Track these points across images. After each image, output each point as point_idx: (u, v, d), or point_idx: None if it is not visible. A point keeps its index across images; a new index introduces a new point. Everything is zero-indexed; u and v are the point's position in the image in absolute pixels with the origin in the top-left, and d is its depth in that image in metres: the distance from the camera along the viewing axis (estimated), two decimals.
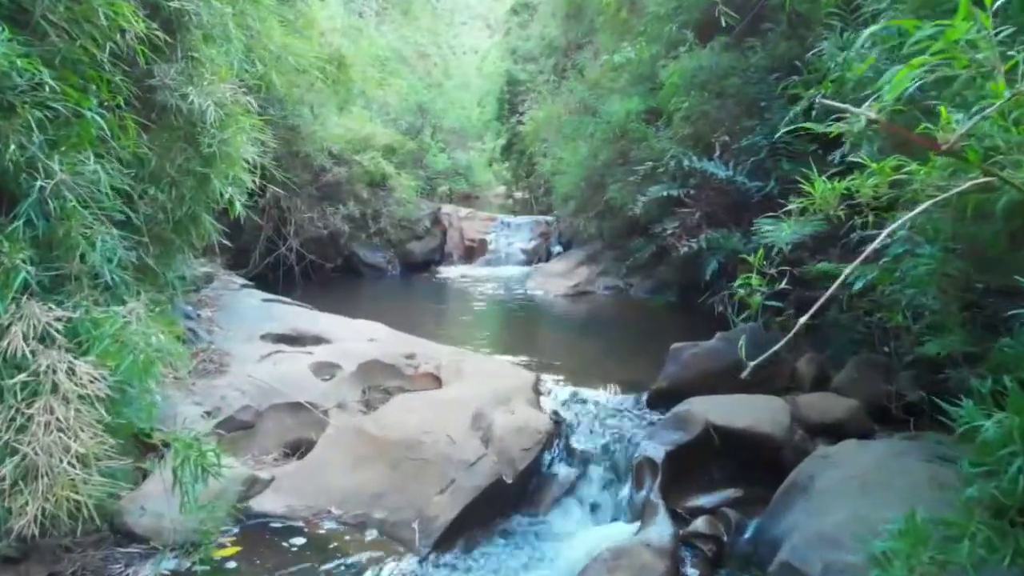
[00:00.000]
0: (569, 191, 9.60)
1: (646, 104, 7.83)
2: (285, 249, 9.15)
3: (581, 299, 8.52)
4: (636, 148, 7.51)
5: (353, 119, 10.25)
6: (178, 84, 4.11)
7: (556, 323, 7.38)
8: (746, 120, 6.15)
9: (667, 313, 7.17)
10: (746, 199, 6.08)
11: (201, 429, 4.06)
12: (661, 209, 7.42)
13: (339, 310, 7.85)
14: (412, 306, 8.21)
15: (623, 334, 6.70)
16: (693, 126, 6.76)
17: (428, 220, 10.95)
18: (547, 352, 5.96)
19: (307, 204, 9.50)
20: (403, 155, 10.24)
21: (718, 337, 4.57)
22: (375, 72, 12.09)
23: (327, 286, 9.40)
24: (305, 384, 4.57)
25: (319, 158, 9.05)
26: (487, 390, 4.28)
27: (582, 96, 9.54)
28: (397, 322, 7.08)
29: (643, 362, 5.55)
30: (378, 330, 5.61)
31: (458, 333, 6.77)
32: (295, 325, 5.54)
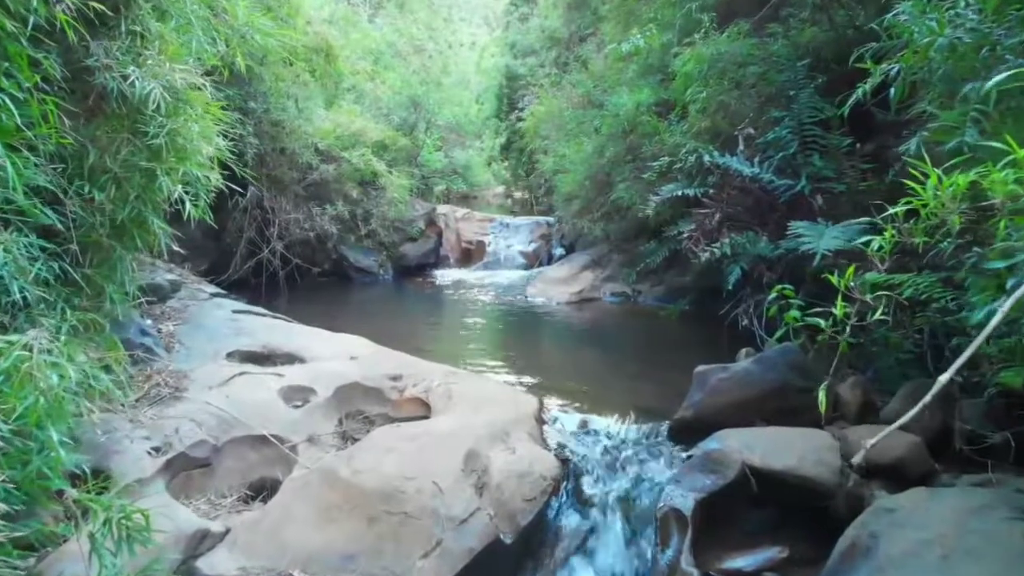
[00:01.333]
0: (572, 190, 8.99)
1: (657, 96, 7.22)
2: (268, 252, 8.53)
3: (585, 307, 7.90)
4: (647, 143, 6.90)
5: (343, 114, 9.63)
6: (120, 65, 3.50)
7: (559, 335, 6.76)
8: (771, 111, 5.53)
9: (682, 324, 6.55)
10: (772, 199, 5.46)
11: (146, 470, 3.48)
12: (674, 210, 6.81)
13: (323, 319, 7.24)
14: (403, 315, 7.59)
15: (634, 348, 6.09)
16: (711, 119, 6.14)
17: (422, 221, 10.33)
18: (550, 370, 5.34)
19: (293, 204, 8.89)
20: (396, 152, 9.63)
21: (751, 359, 3.95)
22: (367, 65, 11.49)
23: (313, 292, 8.79)
24: (272, 413, 3.95)
25: (305, 155, 8.43)
26: (482, 421, 3.66)
27: (586, 89, 8.92)
28: (385, 333, 6.47)
29: (660, 383, 4.94)
30: (361, 346, 4.99)
31: (451, 347, 6.15)
32: (267, 341, 4.91)
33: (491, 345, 6.07)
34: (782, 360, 3.86)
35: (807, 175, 5.16)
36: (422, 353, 5.66)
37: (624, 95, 7.36)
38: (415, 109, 10.29)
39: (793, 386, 3.85)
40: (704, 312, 6.68)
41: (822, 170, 5.16)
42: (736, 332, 5.38)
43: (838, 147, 5.26)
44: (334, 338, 5.17)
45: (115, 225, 3.61)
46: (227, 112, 7.66)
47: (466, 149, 21.68)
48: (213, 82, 6.14)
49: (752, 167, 5.20)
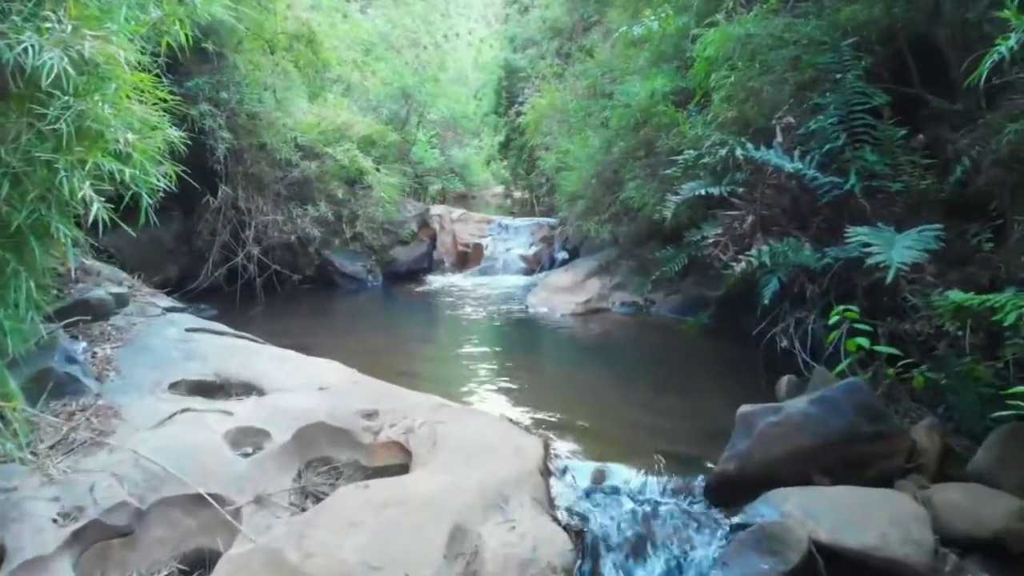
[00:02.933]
0: (577, 189, 8.24)
1: (673, 84, 6.46)
2: (243, 257, 7.77)
3: (593, 319, 7.14)
4: (663, 137, 6.15)
5: (328, 107, 8.87)
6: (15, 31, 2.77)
7: (565, 354, 5.99)
8: (813, 97, 4.77)
9: (704, 341, 5.80)
10: (812, 199, 4.71)
11: (48, 543, 2.73)
12: (694, 211, 6.06)
13: (300, 333, 6.49)
14: (389, 328, 6.83)
15: (653, 371, 5.33)
16: (738, 108, 5.39)
17: (415, 223, 9.56)
18: (556, 399, 4.58)
19: (272, 205, 8.12)
20: (385, 148, 8.86)
21: (808, 399, 3.18)
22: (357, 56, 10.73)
23: (294, 300, 8.03)
24: (215, 463, 3.19)
25: (284, 150, 7.67)
26: (473, 481, 2.90)
27: (593, 79, 8.16)
28: (367, 351, 5.71)
29: (688, 416, 4.18)
30: (332, 373, 4.24)
31: (441, 369, 5.39)
32: (221, 367, 4.15)
33: (487, 367, 5.31)
34: (848, 401, 3.10)
35: (856, 171, 4.40)
36: (406, 378, 4.91)
37: (636, 83, 6.60)
38: (406, 102, 9.53)
39: (861, 433, 3.10)
40: (728, 327, 5.92)
41: (874, 165, 4.40)
42: (772, 353, 4.62)
43: (891, 139, 4.50)
44: (302, 363, 4.41)
45: (9, 233, 2.86)
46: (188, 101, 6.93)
47: (464, 148, 20.95)
48: (168, 65, 5.37)
49: (794, 162, 4.43)
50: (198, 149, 7.52)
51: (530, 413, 4.20)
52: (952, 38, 4.77)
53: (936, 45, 4.83)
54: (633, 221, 7.72)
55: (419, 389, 4.67)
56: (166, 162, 5.04)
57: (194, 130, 7.12)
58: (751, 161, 4.76)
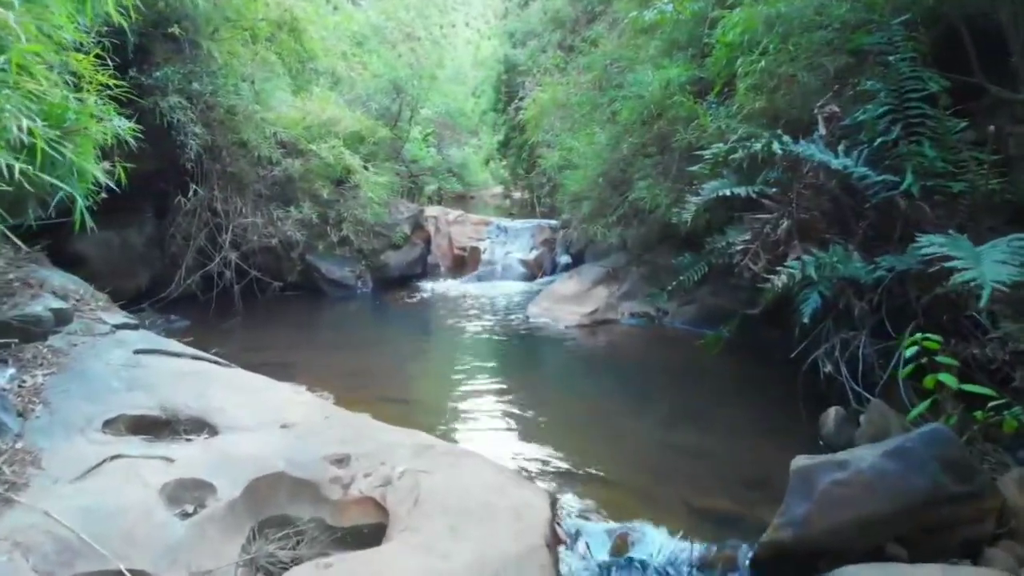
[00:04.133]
0: (581, 189, 7.62)
1: (690, 73, 5.84)
2: (220, 262, 7.14)
3: (600, 331, 6.52)
4: (680, 131, 5.52)
5: (314, 101, 8.24)
6: None
7: (570, 373, 5.36)
8: (861, 83, 4.15)
9: (727, 359, 5.17)
10: (858, 200, 4.09)
11: None
12: (714, 214, 5.45)
13: (276, 348, 5.85)
14: (375, 343, 6.20)
15: (672, 397, 4.70)
16: (768, 97, 4.77)
17: (407, 225, 8.93)
18: (562, 433, 3.96)
19: (252, 206, 7.49)
20: (375, 145, 8.23)
21: (882, 452, 2.56)
22: (347, 47, 10.11)
23: (275, 310, 7.40)
24: (144, 529, 2.57)
25: (263, 147, 7.03)
26: (462, 562, 2.28)
27: (599, 69, 7.54)
28: (347, 372, 5.08)
29: (720, 458, 3.56)
30: (299, 405, 3.62)
31: (430, 395, 4.76)
32: (169, 398, 3.52)
33: (483, 390, 4.68)
34: (930, 454, 2.48)
35: (913, 169, 3.78)
36: (391, 405, 4.29)
37: (649, 73, 5.98)
38: (397, 96, 8.90)
39: (946, 493, 2.48)
40: (752, 343, 5.30)
41: (933, 162, 3.78)
42: (812, 375, 4.00)
43: (951, 132, 3.89)
44: (267, 391, 3.79)
45: None
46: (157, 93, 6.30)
47: (462, 147, 20.33)
48: (137, 53, 4.79)
49: (840, 158, 3.81)
50: (169, 146, 6.92)
51: (533, 453, 3.58)
52: (1015, 18, 4.16)
53: (994, 26, 4.23)
54: (643, 224, 7.11)
55: (405, 418, 4.06)
56: (119, 159, 4.43)
57: (163, 124, 6.52)
58: (787, 157, 4.14)
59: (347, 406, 4.13)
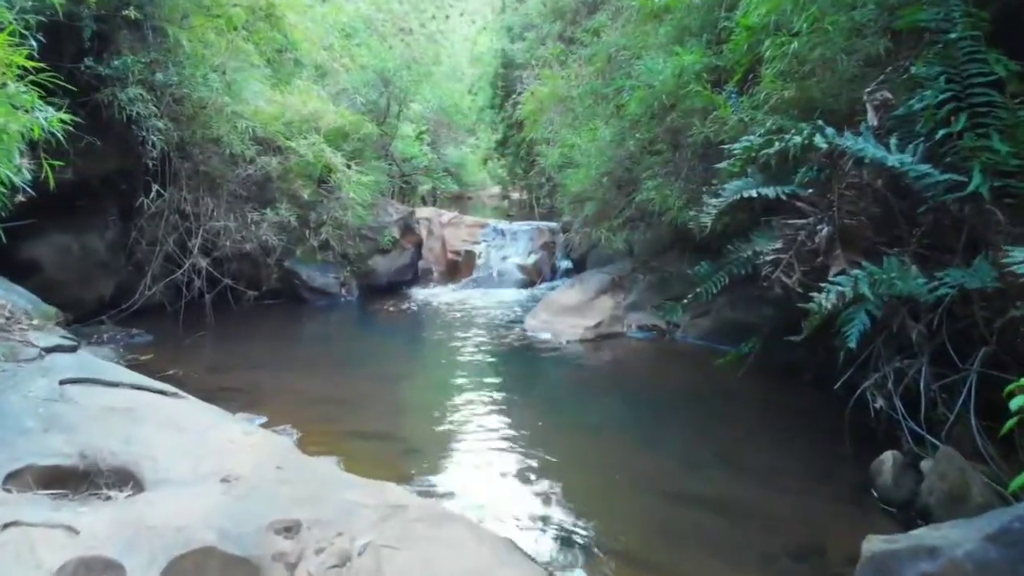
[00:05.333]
0: (584, 189, 7.03)
1: (706, 61, 5.23)
2: (189, 269, 6.53)
3: (605, 347, 5.91)
4: (697, 125, 4.92)
5: (295, 94, 7.62)
6: None
7: (574, 400, 4.73)
8: (915, 67, 3.55)
9: (750, 382, 4.57)
10: (913, 203, 3.49)
11: None
12: (734, 217, 4.85)
13: (245, 368, 5.18)
14: (357, 360, 5.58)
15: (692, 428, 4.09)
16: (799, 85, 4.17)
17: (396, 228, 8.32)
18: (563, 480, 3.34)
19: (225, 208, 6.88)
20: (360, 142, 7.61)
21: (983, 533, 1.95)
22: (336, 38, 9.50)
23: (250, 321, 6.79)
24: None
25: (235, 143, 6.42)
26: None
27: (602, 61, 6.94)
28: (321, 398, 4.44)
29: (761, 520, 2.95)
30: (248, 451, 3.00)
31: (413, 425, 4.13)
32: (93, 442, 2.92)
33: (472, 425, 4.06)
34: None
35: (981, 166, 3.18)
36: (363, 441, 3.69)
37: (660, 60, 5.37)
38: (385, 88, 8.29)
39: None
40: (778, 362, 4.71)
41: (1005, 159, 3.18)
42: (859, 409, 3.40)
43: (1023, 124, 3.29)
44: (212, 430, 3.18)
45: None
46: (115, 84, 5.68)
47: (459, 146, 19.73)
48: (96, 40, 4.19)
49: (896, 154, 3.21)
50: (134, 142, 6.31)
51: (528, 508, 2.98)
52: None
53: None
54: (651, 227, 6.52)
55: (379, 460, 3.46)
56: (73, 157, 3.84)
57: (125, 119, 5.91)
58: (827, 153, 3.53)
59: (313, 444, 3.54)
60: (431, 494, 3.10)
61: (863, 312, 3.23)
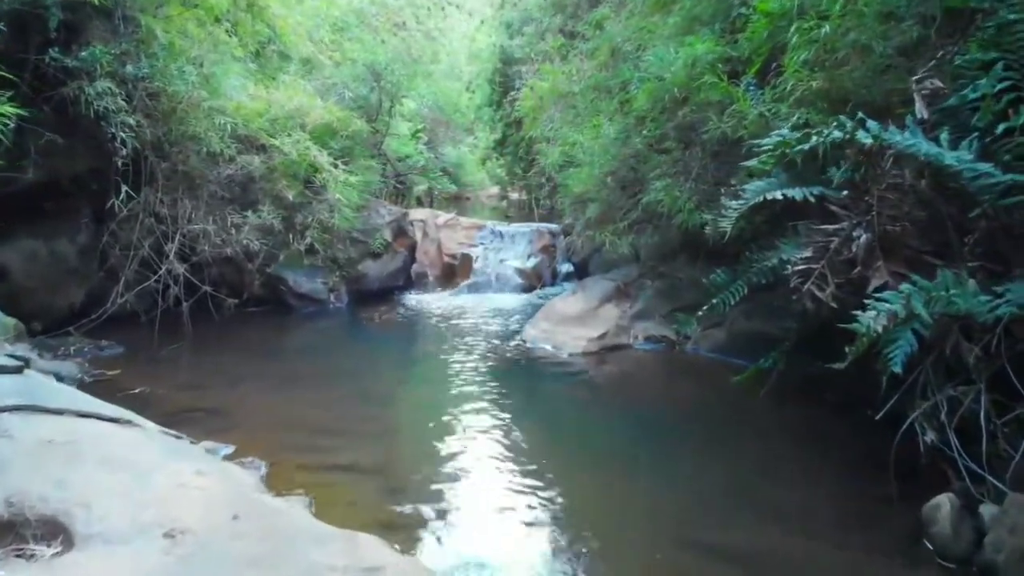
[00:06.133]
0: (586, 190, 6.62)
1: (720, 51, 4.82)
2: (164, 276, 6.12)
3: (610, 359, 5.50)
4: (713, 120, 4.51)
5: (281, 89, 7.20)
6: None
7: (577, 422, 4.30)
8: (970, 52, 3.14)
9: (775, 404, 4.14)
10: (964, 207, 3.08)
11: None
12: (751, 220, 4.43)
13: (219, 385, 4.69)
14: (342, 376, 5.15)
15: (707, 457, 3.67)
16: (829, 75, 3.75)
17: (388, 231, 7.91)
18: (566, 523, 2.92)
19: (204, 211, 6.46)
20: (349, 139, 7.19)
21: None
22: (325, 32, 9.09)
23: (232, 331, 6.37)
24: None
25: (213, 141, 6.01)
26: None
27: (609, 49, 6.53)
28: (299, 422, 3.96)
29: (787, 566, 2.54)
30: (200, 495, 2.58)
31: (396, 456, 3.69)
32: (22, 485, 2.50)
33: (465, 454, 3.63)
34: None
35: None
36: (341, 477, 3.28)
37: (670, 50, 4.96)
38: (377, 84, 7.85)
39: None
40: (797, 379, 4.30)
41: None
42: (908, 441, 2.99)
43: None
44: (162, 468, 2.75)
45: None
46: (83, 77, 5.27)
47: (457, 145, 19.31)
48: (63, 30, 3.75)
49: (951, 151, 2.80)
50: (103, 140, 5.90)
51: (527, 563, 2.56)
52: None
53: None
54: (659, 231, 6.11)
55: (358, 499, 3.05)
56: None
57: (91, 115, 5.50)
58: (866, 150, 3.12)
59: (282, 481, 3.13)
60: (415, 544, 2.68)
61: (909, 332, 2.82)
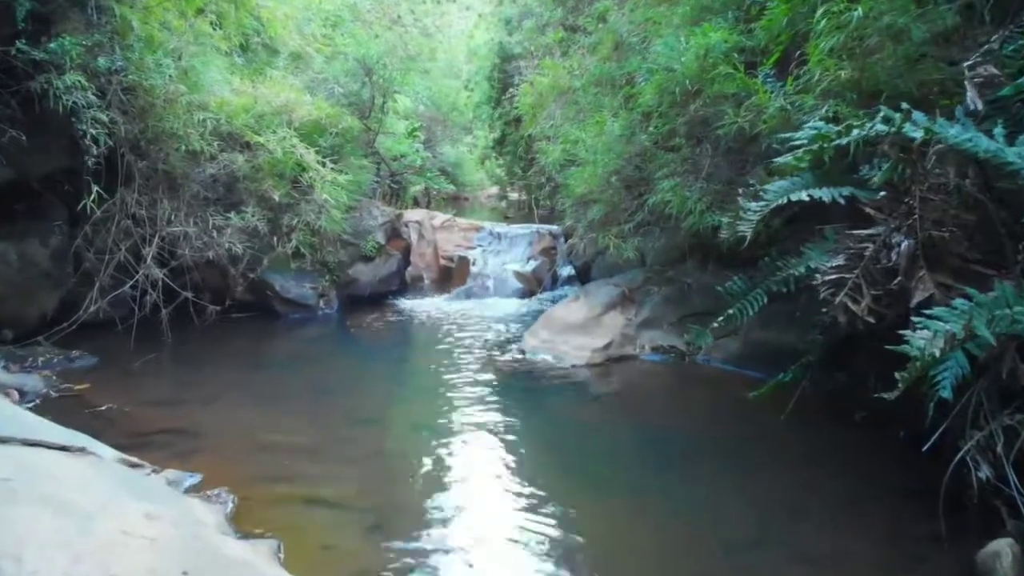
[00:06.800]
0: (590, 190, 6.25)
1: (735, 40, 4.46)
2: (142, 280, 5.76)
3: (615, 372, 5.14)
4: (730, 114, 4.14)
5: (266, 84, 6.84)
6: None
7: (581, 446, 3.91)
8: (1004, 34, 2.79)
9: (793, 421, 3.78)
10: (1016, 212, 2.72)
11: None
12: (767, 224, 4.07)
13: (192, 401, 4.26)
14: (326, 392, 4.77)
15: (728, 489, 3.30)
16: (860, 64, 3.40)
17: (381, 233, 7.55)
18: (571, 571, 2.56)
19: (185, 212, 6.10)
20: (338, 137, 6.82)
21: None
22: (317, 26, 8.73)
23: (212, 339, 6.01)
24: None
25: (192, 138, 5.65)
26: None
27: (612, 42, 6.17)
28: (272, 444, 3.59)
29: None
30: (147, 544, 2.23)
31: (378, 487, 3.30)
32: None
33: (458, 487, 3.26)
34: None
35: None
36: (317, 514, 2.92)
37: (681, 39, 4.60)
38: (369, 79, 7.48)
39: None
40: (825, 395, 3.95)
41: None
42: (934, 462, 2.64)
43: None
44: (106, 511, 2.40)
45: None
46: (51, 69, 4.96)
47: (456, 145, 18.95)
48: None
49: (1011, 148, 2.44)
50: (76, 137, 5.54)
51: None
52: None
53: None
54: (666, 234, 5.76)
55: (333, 540, 2.70)
56: None
57: (61, 111, 5.14)
58: (909, 147, 2.76)
59: (250, 518, 2.77)
60: None
61: (960, 352, 2.47)
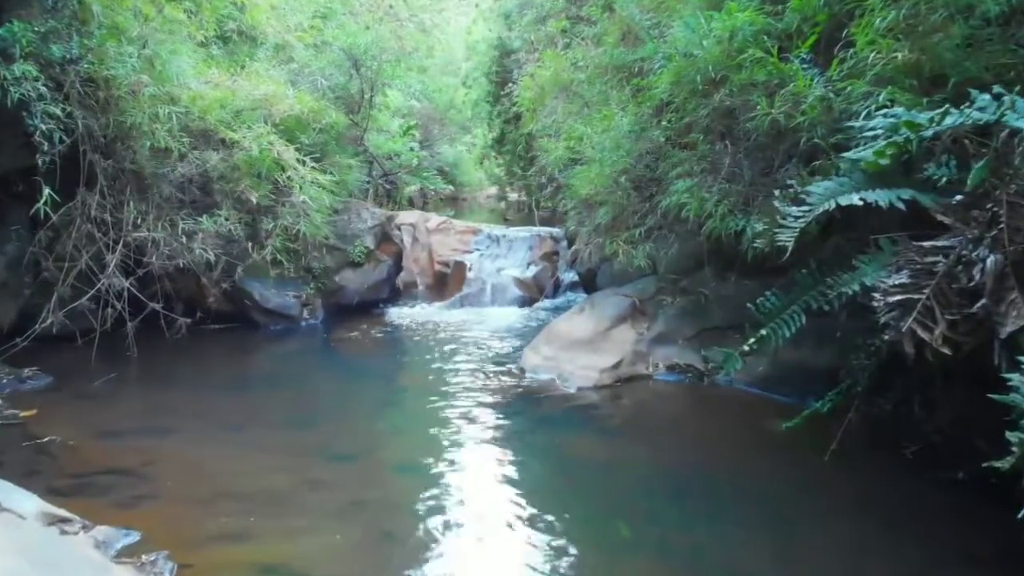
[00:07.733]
0: (596, 191, 5.72)
1: (763, 22, 3.94)
2: (104, 290, 5.24)
3: (626, 395, 4.62)
4: (762, 104, 3.61)
5: (245, 76, 6.32)
6: None
7: (590, 490, 3.33)
8: None
9: (841, 459, 3.26)
10: None
11: None
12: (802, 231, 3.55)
13: (146, 434, 3.63)
14: (297, 423, 4.20)
15: (758, 538, 2.78)
16: (919, 45, 2.88)
17: (371, 237, 7.03)
18: None
19: (154, 216, 5.58)
20: (321, 133, 6.30)
21: None
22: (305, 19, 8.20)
23: (183, 354, 5.49)
24: None
25: (159, 135, 5.13)
26: None
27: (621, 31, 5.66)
28: (230, 489, 3.05)
29: None
30: None
31: (353, 555, 2.71)
32: None
33: (441, 548, 2.72)
34: None
35: None
36: None
37: (701, 23, 4.07)
38: (357, 71, 6.95)
39: None
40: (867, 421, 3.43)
41: None
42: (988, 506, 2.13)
43: None
44: None
45: None
46: None
47: (454, 144, 18.45)
48: None
49: None
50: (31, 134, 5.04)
51: None
52: None
53: None
54: (681, 239, 5.23)
55: None
56: None
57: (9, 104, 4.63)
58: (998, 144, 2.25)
59: None
60: None
61: None
